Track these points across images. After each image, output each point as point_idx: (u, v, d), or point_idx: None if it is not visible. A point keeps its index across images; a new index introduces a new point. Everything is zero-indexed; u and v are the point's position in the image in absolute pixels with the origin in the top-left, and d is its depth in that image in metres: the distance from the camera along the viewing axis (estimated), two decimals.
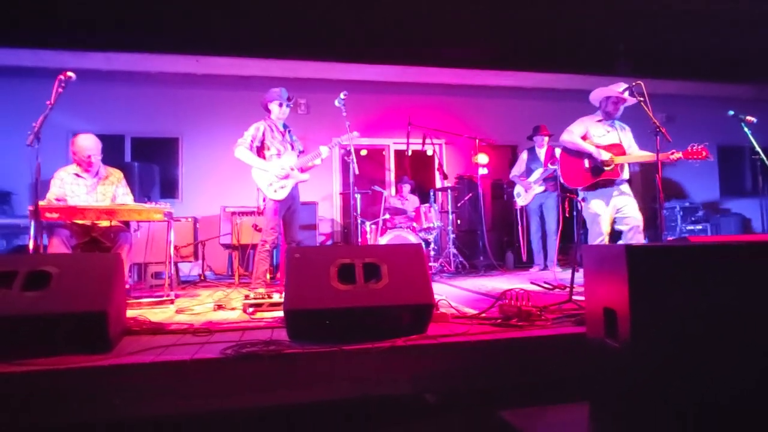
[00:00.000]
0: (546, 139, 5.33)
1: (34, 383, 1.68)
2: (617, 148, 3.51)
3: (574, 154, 3.61)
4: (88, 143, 3.44)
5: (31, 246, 2.95)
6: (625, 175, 3.53)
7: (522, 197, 5.37)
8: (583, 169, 3.58)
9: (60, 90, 2.90)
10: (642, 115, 3.34)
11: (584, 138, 3.59)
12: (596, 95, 3.71)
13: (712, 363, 1.33)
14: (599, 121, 3.67)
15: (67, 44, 5.62)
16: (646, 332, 1.32)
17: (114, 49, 5.78)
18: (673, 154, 3.25)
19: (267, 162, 3.60)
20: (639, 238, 3.51)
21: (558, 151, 5.18)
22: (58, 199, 3.27)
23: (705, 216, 6.58)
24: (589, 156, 3.52)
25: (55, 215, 3.06)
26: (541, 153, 5.32)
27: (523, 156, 5.49)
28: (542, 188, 5.22)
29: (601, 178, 3.50)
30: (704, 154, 3.21)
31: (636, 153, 3.59)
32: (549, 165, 5.13)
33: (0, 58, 5.86)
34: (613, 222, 3.59)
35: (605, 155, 3.45)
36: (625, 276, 1.30)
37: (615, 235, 3.87)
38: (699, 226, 6.51)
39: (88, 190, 3.46)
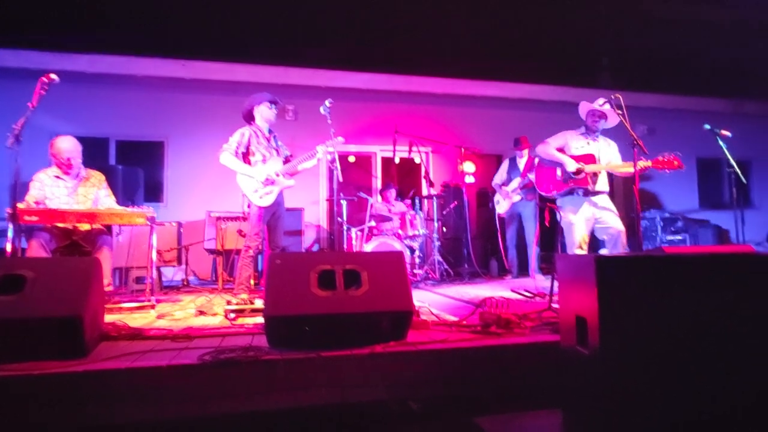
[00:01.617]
0: (526, 151, 5.48)
1: (6, 388, 1.66)
2: (589, 159, 3.62)
3: (549, 163, 3.76)
4: (67, 145, 3.40)
5: (8, 249, 2.90)
6: (600, 186, 3.62)
7: (500, 205, 5.50)
8: (555, 178, 3.72)
9: (42, 92, 2.88)
10: (622, 127, 3.42)
11: (561, 150, 3.71)
12: (582, 109, 3.83)
13: (680, 371, 1.37)
14: (582, 134, 3.78)
15: (50, 45, 5.56)
16: (614, 340, 1.36)
17: (98, 51, 5.73)
18: (642, 161, 3.31)
19: (252, 168, 3.59)
20: (620, 248, 3.58)
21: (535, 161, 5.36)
22: (37, 202, 3.23)
23: (684, 227, 6.72)
24: (560, 165, 3.65)
25: (34, 218, 3.02)
26: (521, 162, 5.46)
27: (505, 164, 5.62)
28: (519, 197, 5.34)
29: (569, 185, 3.62)
30: (676, 163, 3.29)
31: (609, 164, 3.67)
32: (528, 175, 5.25)
33: None
34: (593, 232, 3.67)
35: (572, 165, 3.57)
36: (594, 285, 1.34)
37: (597, 244, 3.96)
38: (678, 237, 6.65)
39: (69, 191, 3.42)
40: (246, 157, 3.65)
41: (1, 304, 1.79)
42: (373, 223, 5.44)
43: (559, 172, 3.68)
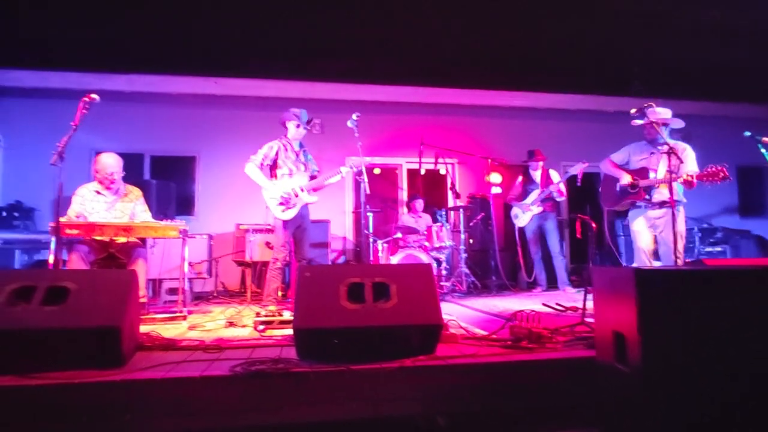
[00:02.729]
0: (540, 163, 5.48)
1: (47, 397, 1.72)
2: (642, 173, 3.58)
3: (611, 178, 3.79)
4: (111, 161, 3.55)
5: (51, 261, 3.03)
6: (658, 197, 3.51)
7: (520, 218, 5.48)
8: (614, 192, 3.73)
9: (84, 111, 3.02)
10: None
11: (622, 164, 3.74)
12: (635, 123, 3.68)
13: (724, 390, 1.30)
14: (644, 146, 3.72)
15: (91, 66, 5.84)
16: (656, 357, 1.30)
17: (135, 71, 5.98)
18: (690, 177, 3.20)
19: (276, 181, 3.66)
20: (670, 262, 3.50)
21: (555, 176, 5.34)
22: (78, 216, 3.37)
23: (724, 237, 6.43)
24: (618, 180, 3.68)
25: (75, 231, 3.15)
26: (537, 175, 5.47)
27: (519, 179, 5.64)
28: (540, 209, 5.33)
29: (626, 200, 3.63)
30: (722, 175, 3.13)
31: (662, 177, 3.53)
32: (548, 187, 5.25)
33: (31, 80, 6.12)
34: (655, 241, 3.64)
35: (626, 179, 3.58)
36: (634, 300, 1.29)
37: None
38: (718, 248, 6.36)
39: (108, 207, 3.55)
40: (273, 170, 3.72)
41: (46, 313, 1.86)
42: (399, 235, 5.43)
43: (617, 186, 3.70)
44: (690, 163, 3.49)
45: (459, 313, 3.52)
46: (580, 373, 1.94)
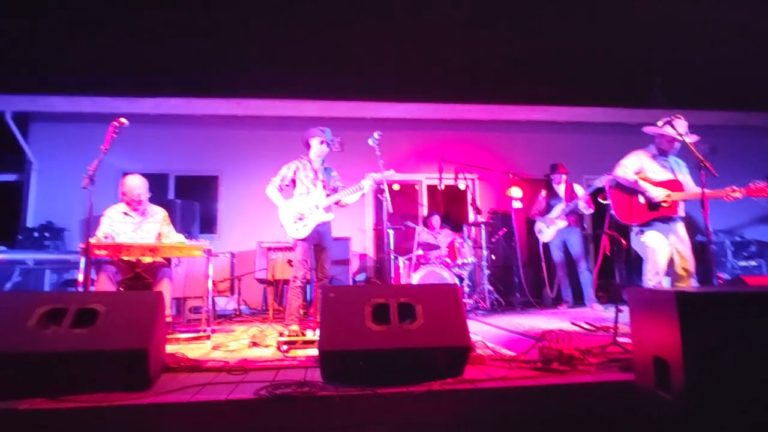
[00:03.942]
0: (564, 176, 5.37)
1: (76, 420, 1.72)
2: (674, 185, 3.36)
3: (627, 189, 3.47)
4: (138, 183, 3.63)
5: (80, 280, 3.09)
6: (681, 212, 3.36)
7: (544, 233, 5.37)
8: (639, 205, 3.42)
9: (114, 135, 3.11)
10: (683, 148, 3.24)
11: (638, 173, 3.46)
12: (651, 130, 3.53)
13: None
14: (653, 156, 3.51)
15: (120, 90, 6.05)
16: (701, 384, 1.23)
17: (162, 94, 6.17)
18: (733, 192, 3.04)
19: (291, 200, 3.71)
20: (691, 282, 3.34)
21: (579, 190, 5.16)
22: (106, 237, 3.44)
23: (758, 251, 6.19)
24: (642, 192, 3.38)
25: (103, 252, 3.22)
26: (561, 189, 5.38)
27: (542, 194, 5.54)
28: (565, 223, 5.23)
29: (658, 214, 3.33)
30: None
31: (692, 190, 3.37)
32: (573, 201, 5.14)
33: (62, 105, 6.37)
34: (671, 261, 3.38)
35: (661, 194, 3.31)
36: (677, 324, 1.23)
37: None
38: (753, 262, 6.12)
39: (135, 227, 3.62)
40: (293, 189, 3.78)
41: (76, 336, 1.89)
42: (420, 252, 5.38)
43: (641, 198, 3.41)
44: (689, 177, 3.48)
45: (484, 332, 3.44)
46: (616, 398, 1.86)
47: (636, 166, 3.46)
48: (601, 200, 4.89)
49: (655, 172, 3.43)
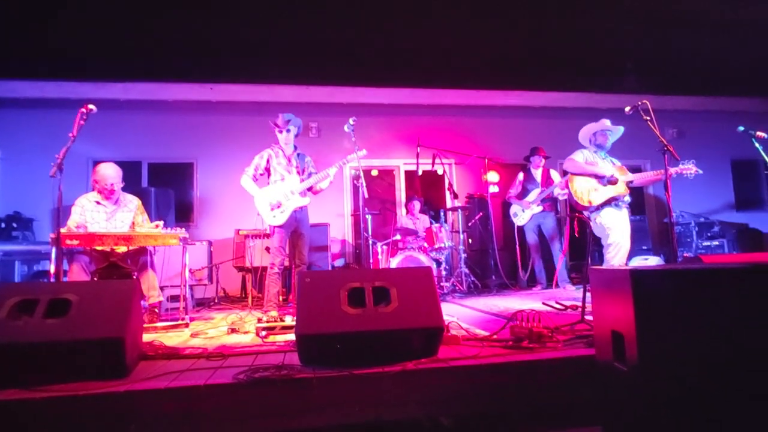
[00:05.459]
0: (543, 160, 5.49)
1: (52, 409, 1.73)
2: (619, 170, 3.97)
3: (581, 181, 3.99)
4: (110, 172, 3.56)
5: (52, 271, 3.04)
6: (627, 197, 3.92)
7: (519, 217, 5.50)
8: (593, 190, 3.93)
9: (82, 122, 3.03)
10: (650, 132, 3.35)
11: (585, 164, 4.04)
12: (584, 134, 4.15)
13: (723, 387, 1.32)
14: (594, 152, 4.10)
15: (87, 75, 5.85)
16: (653, 356, 1.32)
17: (130, 79, 5.99)
18: (656, 175, 3.87)
19: (266, 188, 3.71)
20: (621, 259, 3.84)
21: (556, 176, 5.40)
22: (78, 227, 3.38)
23: (721, 231, 6.47)
24: (596, 176, 3.92)
25: (75, 242, 3.16)
26: (538, 173, 5.48)
27: (519, 177, 5.65)
28: (540, 208, 5.37)
29: (610, 198, 3.86)
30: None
31: (636, 174, 3.99)
32: (552, 188, 5.26)
33: (27, 90, 6.13)
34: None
35: (609, 170, 3.90)
36: (631, 299, 1.31)
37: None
38: (716, 242, 6.40)
39: (108, 216, 3.56)
40: (268, 177, 3.78)
41: (49, 326, 1.87)
42: (398, 237, 5.44)
43: (595, 183, 3.93)
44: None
45: (460, 314, 3.54)
46: (580, 371, 1.96)
47: (583, 159, 4.06)
48: (559, 187, 5.22)
49: (598, 163, 4.01)
